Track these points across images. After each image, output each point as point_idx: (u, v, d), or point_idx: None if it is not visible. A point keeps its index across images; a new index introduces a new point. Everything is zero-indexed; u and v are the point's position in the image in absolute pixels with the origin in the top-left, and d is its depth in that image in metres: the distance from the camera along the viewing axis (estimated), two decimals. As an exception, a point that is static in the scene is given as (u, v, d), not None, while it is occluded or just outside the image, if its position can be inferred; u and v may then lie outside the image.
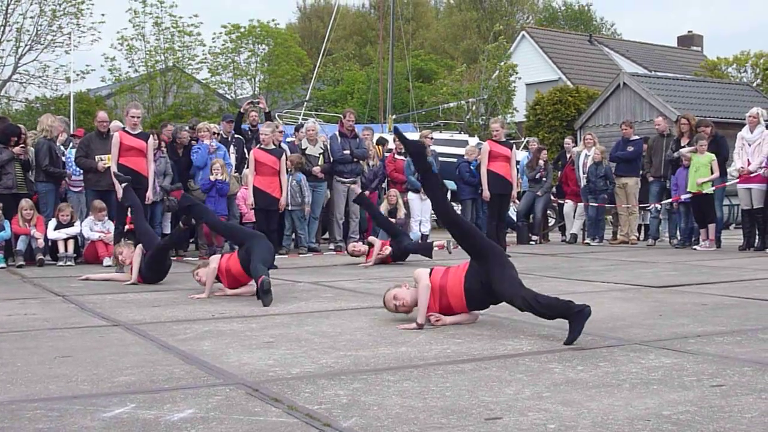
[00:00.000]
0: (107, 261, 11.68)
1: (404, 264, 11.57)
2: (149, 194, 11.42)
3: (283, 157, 12.36)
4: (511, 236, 16.81)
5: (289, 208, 13.47)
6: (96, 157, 12.28)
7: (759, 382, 4.04)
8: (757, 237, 13.28)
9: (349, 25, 62.07)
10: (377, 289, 8.51)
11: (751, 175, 13.03)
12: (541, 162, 16.35)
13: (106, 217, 12.12)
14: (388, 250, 11.63)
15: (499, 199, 13.25)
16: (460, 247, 6.24)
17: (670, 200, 14.44)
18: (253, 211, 12.53)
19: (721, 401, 3.69)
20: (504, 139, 13.49)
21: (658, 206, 15.01)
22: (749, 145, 13.23)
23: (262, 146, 12.16)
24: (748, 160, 13.16)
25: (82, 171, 12.72)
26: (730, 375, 4.22)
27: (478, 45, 48.67)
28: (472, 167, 15.67)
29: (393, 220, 14.45)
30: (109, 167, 12.01)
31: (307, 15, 68.36)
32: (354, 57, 54.77)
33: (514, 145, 14.04)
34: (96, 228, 12.06)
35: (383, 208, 14.60)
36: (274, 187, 11.98)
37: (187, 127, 14.45)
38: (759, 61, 41.85)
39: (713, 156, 13.49)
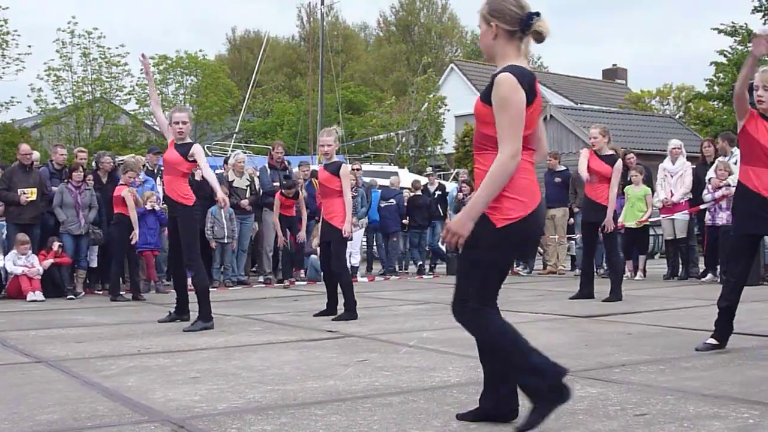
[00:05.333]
0: (31, 296, 11.45)
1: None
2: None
3: (343, 170, 8.88)
4: (440, 267, 16.89)
5: (225, 241, 13.54)
6: (18, 190, 12.03)
7: (681, 411, 4.10)
8: (680, 266, 13.55)
9: (279, 56, 62.21)
10: (306, 322, 8.49)
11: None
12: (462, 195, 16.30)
13: (30, 251, 11.86)
14: None
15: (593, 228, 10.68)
16: None
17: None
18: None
19: (644, 430, 3.74)
20: (608, 153, 10.29)
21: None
22: (671, 176, 13.49)
23: (324, 161, 9.11)
24: (671, 191, 13.41)
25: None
26: (654, 404, 4.28)
27: (408, 77, 49.15)
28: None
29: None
30: (32, 201, 11.78)
31: (237, 46, 68.39)
32: (284, 88, 54.91)
33: (618, 160, 10.32)
34: (19, 262, 11.78)
35: (314, 241, 14.56)
36: (335, 212, 8.87)
37: (108, 155, 14.10)
38: (681, 93, 42.96)
39: (648, 190, 13.64)
